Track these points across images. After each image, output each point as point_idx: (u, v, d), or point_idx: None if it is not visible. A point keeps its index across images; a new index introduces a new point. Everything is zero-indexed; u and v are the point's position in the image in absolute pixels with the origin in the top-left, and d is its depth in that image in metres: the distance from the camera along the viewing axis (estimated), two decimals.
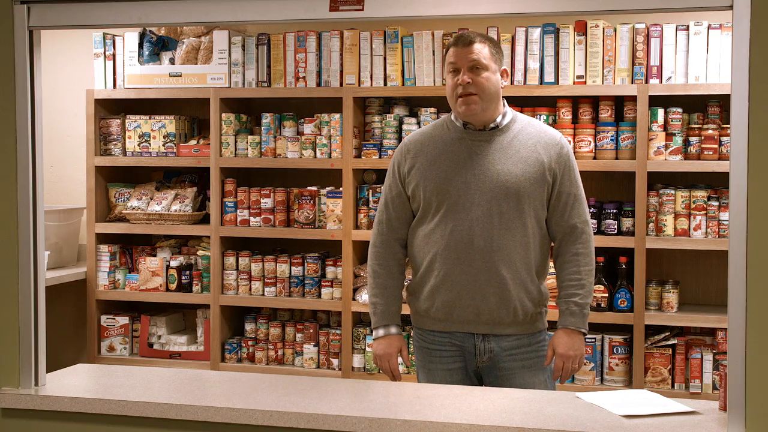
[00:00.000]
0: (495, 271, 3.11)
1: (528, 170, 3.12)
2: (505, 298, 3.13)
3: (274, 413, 2.62)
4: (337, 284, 4.82)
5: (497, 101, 3.18)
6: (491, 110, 3.16)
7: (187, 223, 5.02)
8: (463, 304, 3.15)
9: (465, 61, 3.12)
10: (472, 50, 3.12)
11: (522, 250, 3.12)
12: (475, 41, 3.13)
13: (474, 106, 3.12)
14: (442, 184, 3.15)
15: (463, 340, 3.19)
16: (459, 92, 3.12)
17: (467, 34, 3.18)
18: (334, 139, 4.77)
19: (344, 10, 2.66)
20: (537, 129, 3.22)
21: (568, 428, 2.49)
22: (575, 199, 3.17)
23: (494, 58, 3.16)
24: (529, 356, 3.19)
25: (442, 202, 3.15)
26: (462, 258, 3.12)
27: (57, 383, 2.93)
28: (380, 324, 3.28)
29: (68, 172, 5.43)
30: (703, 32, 4.36)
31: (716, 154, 4.36)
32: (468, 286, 3.13)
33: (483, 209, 3.11)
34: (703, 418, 2.58)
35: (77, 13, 2.81)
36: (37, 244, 2.86)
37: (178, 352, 5.05)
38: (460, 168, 3.15)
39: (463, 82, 3.11)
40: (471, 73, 3.11)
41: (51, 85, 5.29)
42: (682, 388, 4.44)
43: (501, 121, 3.18)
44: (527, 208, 3.12)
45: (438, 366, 3.23)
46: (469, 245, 3.11)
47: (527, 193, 3.12)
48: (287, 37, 4.84)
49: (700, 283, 4.67)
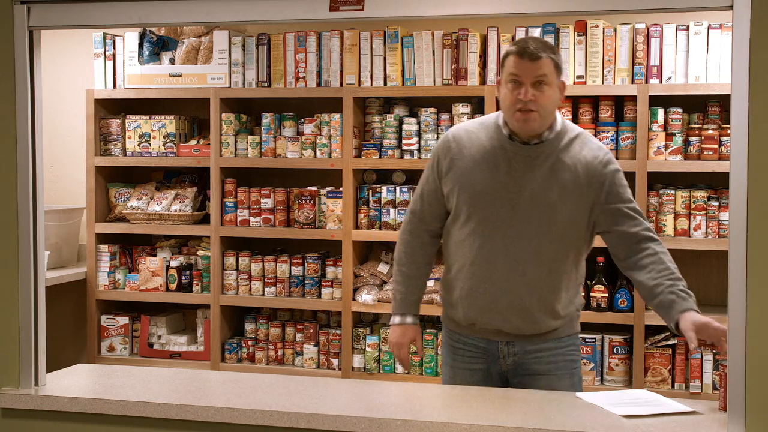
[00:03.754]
0: (518, 294, 3.01)
1: (564, 193, 2.98)
2: (527, 319, 3.04)
3: (274, 413, 2.62)
4: (337, 284, 4.82)
5: (553, 116, 3.02)
6: (546, 126, 3.01)
7: (187, 223, 5.02)
8: (484, 320, 3.07)
9: (529, 77, 2.93)
10: (538, 66, 2.93)
11: (550, 275, 3.01)
12: (543, 56, 2.93)
13: (533, 123, 2.95)
14: (475, 197, 3.02)
15: (488, 343, 3.11)
16: (518, 107, 2.94)
17: (534, 46, 2.95)
18: (334, 139, 4.77)
19: (344, 10, 2.66)
20: (581, 145, 3.04)
21: (568, 428, 2.49)
22: (634, 212, 3.03)
23: (557, 70, 2.99)
24: (555, 359, 3.10)
25: (472, 214, 3.04)
26: (486, 277, 3.03)
27: (57, 383, 2.93)
28: (397, 312, 3.23)
29: (68, 172, 5.43)
30: (703, 32, 4.36)
31: (716, 154, 4.36)
32: (490, 306, 3.05)
33: (513, 231, 2.99)
34: (703, 418, 2.58)
35: (77, 13, 2.81)
36: (37, 244, 2.86)
37: (178, 352, 5.05)
38: (496, 182, 3.01)
39: (526, 98, 2.92)
40: (534, 89, 2.93)
41: (51, 85, 5.29)
42: (682, 388, 4.44)
43: (548, 135, 3.02)
44: (559, 233, 2.99)
45: (460, 365, 3.17)
46: (494, 266, 3.01)
47: (561, 217, 2.98)
48: (287, 37, 4.84)
49: (700, 283, 4.67)
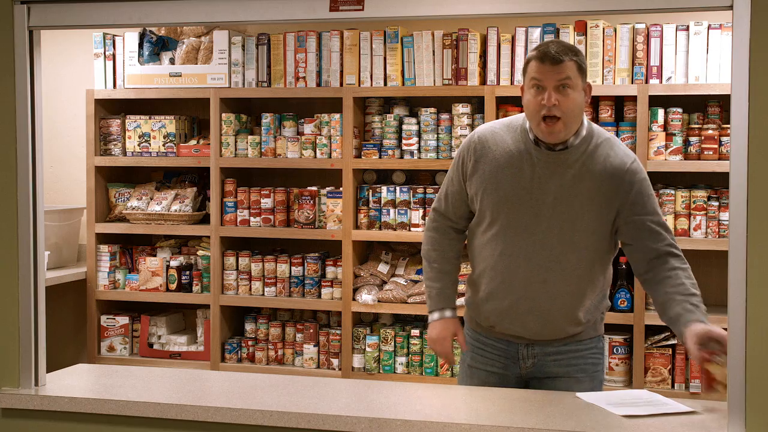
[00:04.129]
0: (538, 301, 2.99)
1: (587, 203, 2.93)
2: (548, 325, 3.02)
3: (274, 413, 2.62)
4: (337, 284, 4.82)
5: (579, 121, 2.94)
6: (571, 131, 2.93)
7: (187, 223, 5.02)
8: (505, 324, 3.05)
9: (552, 81, 2.86)
10: (561, 69, 2.86)
11: (572, 282, 2.98)
12: (564, 59, 2.86)
13: (559, 131, 2.88)
14: (499, 203, 2.98)
15: (508, 345, 3.09)
16: (543, 113, 2.87)
17: (556, 49, 2.88)
18: (334, 139, 4.77)
19: (344, 10, 2.66)
20: (607, 152, 2.96)
21: (568, 428, 2.48)
22: (659, 226, 2.95)
23: (581, 73, 2.91)
24: (575, 362, 3.07)
25: (496, 219, 3.00)
26: (506, 282, 3.00)
27: (57, 383, 2.93)
28: (435, 307, 3.16)
29: (68, 172, 5.43)
30: (703, 32, 4.36)
31: (716, 154, 4.36)
32: (510, 311, 3.02)
33: (534, 239, 2.95)
34: (703, 418, 2.58)
35: (77, 13, 2.81)
36: (37, 244, 2.85)
37: (178, 352, 5.05)
38: (520, 189, 2.96)
39: (549, 103, 2.85)
40: (557, 94, 2.85)
41: (51, 85, 5.29)
42: (682, 388, 4.44)
43: (573, 141, 2.94)
44: (582, 241, 2.95)
45: (479, 365, 3.14)
46: (515, 273, 2.99)
47: (584, 225, 2.94)
48: (287, 37, 4.84)
49: (700, 283, 4.59)
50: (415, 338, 4.72)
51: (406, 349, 4.75)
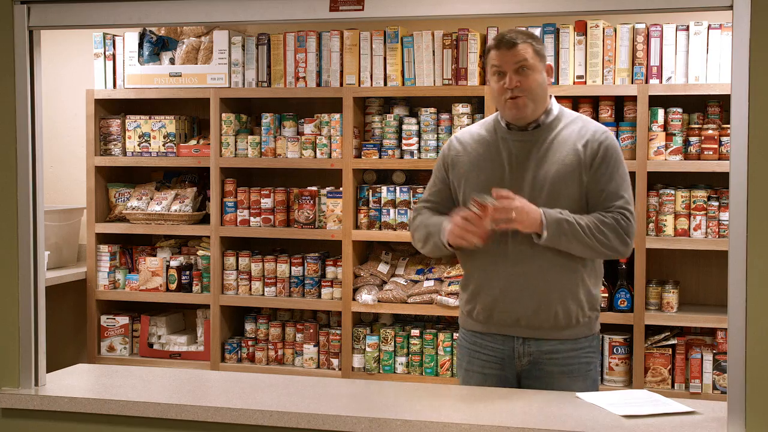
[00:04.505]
0: (531, 276, 3.03)
1: (563, 171, 3.02)
2: (544, 303, 3.04)
3: (274, 413, 2.62)
4: (337, 284, 4.82)
5: (544, 100, 3.08)
6: (539, 110, 3.06)
7: (187, 223, 5.02)
8: (501, 309, 3.07)
9: (510, 64, 3.01)
10: (516, 52, 3.01)
11: (561, 253, 3.01)
12: (519, 42, 3.01)
13: (525, 109, 3.02)
14: (481, 188, 3.05)
15: (504, 343, 3.10)
16: (507, 96, 3.02)
17: (510, 35, 3.05)
18: (334, 139, 4.77)
19: (344, 10, 2.66)
20: (579, 125, 3.10)
21: (568, 428, 2.49)
22: (614, 196, 3.01)
23: (539, 56, 3.05)
24: (570, 362, 3.09)
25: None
26: (498, 263, 3.05)
27: (57, 383, 2.93)
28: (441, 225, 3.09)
29: (68, 172, 5.43)
30: (703, 32, 4.36)
31: (716, 154, 4.36)
32: (505, 292, 3.06)
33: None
34: (703, 418, 2.58)
35: (77, 13, 2.81)
36: (37, 244, 2.86)
37: (178, 352, 5.05)
38: (499, 170, 3.07)
39: (511, 85, 3.00)
40: (518, 76, 3.01)
41: (51, 85, 5.29)
42: (682, 388, 4.44)
43: (544, 119, 3.08)
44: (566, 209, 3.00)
45: (475, 368, 3.16)
46: (504, 250, 3.03)
47: (564, 195, 3.01)
48: (287, 37, 4.84)
49: (700, 283, 4.67)
50: (415, 338, 4.72)
51: (406, 349, 4.75)
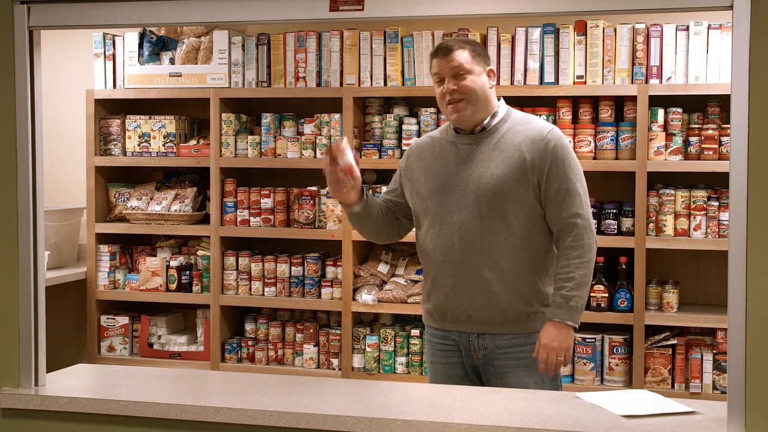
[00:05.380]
0: (478, 273, 3.13)
1: (509, 171, 3.11)
2: (492, 300, 3.14)
3: (274, 413, 2.62)
4: (337, 284, 4.82)
5: (486, 103, 3.19)
6: (481, 112, 3.18)
7: (187, 223, 5.02)
8: (453, 306, 3.19)
9: (447, 70, 3.15)
10: (452, 58, 3.14)
11: (508, 252, 3.12)
12: (454, 48, 3.15)
13: (464, 112, 3.15)
14: (431, 190, 3.20)
15: (460, 336, 3.22)
16: (447, 100, 3.15)
17: (445, 43, 3.20)
18: (334, 139, 4.77)
19: (344, 10, 2.66)
20: (526, 126, 3.18)
21: (568, 428, 2.49)
22: (566, 194, 3.11)
23: (476, 60, 3.16)
24: (524, 355, 3.17)
25: (429, 207, 3.20)
26: (447, 262, 3.17)
27: (57, 383, 2.93)
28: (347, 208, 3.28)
29: (68, 172, 5.43)
30: (703, 32, 4.36)
31: (716, 154, 4.36)
32: (455, 289, 3.17)
33: (466, 213, 3.13)
34: (703, 418, 2.58)
35: (77, 13, 2.81)
36: (37, 244, 2.86)
37: (178, 352, 5.05)
38: (448, 173, 3.19)
39: (448, 90, 3.14)
40: (455, 80, 3.14)
41: (51, 85, 5.29)
42: (682, 388, 4.44)
43: (489, 122, 3.19)
44: (511, 209, 3.11)
45: (439, 360, 3.28)
46: (452, 249, 3.15)
47: (508, 193, 3.11)
48: (287, 37, 4.84)
49: (700, 283, 4.67)
50: (415, 338, 4.72)
51: (406, 349, 4.75)
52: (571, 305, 3.09)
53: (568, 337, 3.12)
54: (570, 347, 3.14)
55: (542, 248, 3.18)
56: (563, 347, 3.11)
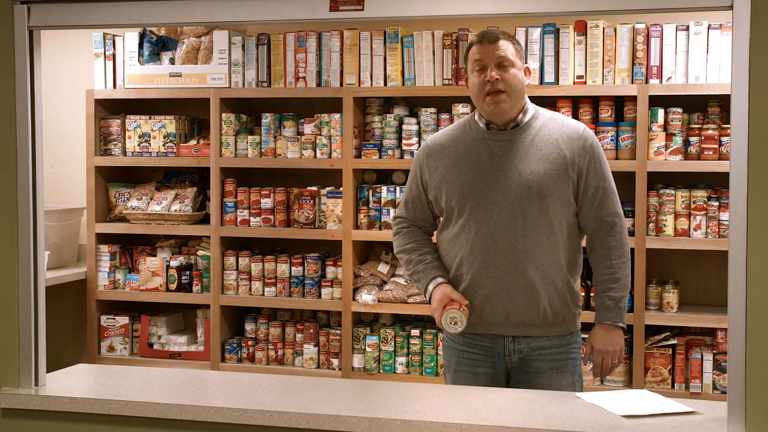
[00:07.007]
0: (522, 273, 3.04)
1: (550, 167, 3.04)
2: (534, 300, 3.06)
3: (274, 413, 2.62)
4: (337, 284, 4.82)
5: (521, 100, 3.10)
6: (516, 108, 3.09)
7: (187, 223, 5.02)
8: (492, 307, 3.09)
9: (492, 58, 3.05)
10: (498, 47, 3.05)
11: (550, 250, 3.05)
12: (501, 38, 3.07)
13: (503, 104, 3.05)
14: (463, 188, 3.08)
15: (493, 341, 3.12)
16: (487, 89, 3.04)
17: (491, 31, 3.10)
18: (334, 139, 4.77)
19: (344, 10, 2.66)
20: (559, 123, 3.13)
21: (568, 428, 2.49)
22: (604, 192, 3.08)
23: (519, 55, 3.09)
24: (558, 357, 3.12)
25: (464, 206, 3.09)
26: (488, 262, 3.06)
27: (57, 383, 2.93)
28: (427, 281, 3.15)
29: (68, 172, 5.43)
30: (703, 32, 4.36)
31: (716, 154, 4.36)
32: (495, 290, 3.07)
33: (506, 211, 3.04)
34: (703, 418, 2.58)
35: (77, 13, 2.81)
36: (37, 244, 2.86)
37: (178, 352, 5.05)
38: (482, 170, 3.08)
39: (491, 78, 3.03)
40: (499, 70, 3.04)
41: (51, 85, 5.29)
42: (682, 388, 4.44)
43: (522, 119, 3.10)
44: (552, 207, 3.04)
45: (465, 368, 3.17)
46: (494, 248, 3.05)
47: (551, 191, 3.03)
48: (287, 37, 4.84)
49: (700, 283, 4.67)
50: (415, 338, 4.72)
51: (406, 349, 4.75)
52: (620, 306, 3.07)
53: (620, 339, 3.11)
54: (623, 349, 3.12)
55: (576, 246, 3.14)
56: (617, 350, 3.10)
